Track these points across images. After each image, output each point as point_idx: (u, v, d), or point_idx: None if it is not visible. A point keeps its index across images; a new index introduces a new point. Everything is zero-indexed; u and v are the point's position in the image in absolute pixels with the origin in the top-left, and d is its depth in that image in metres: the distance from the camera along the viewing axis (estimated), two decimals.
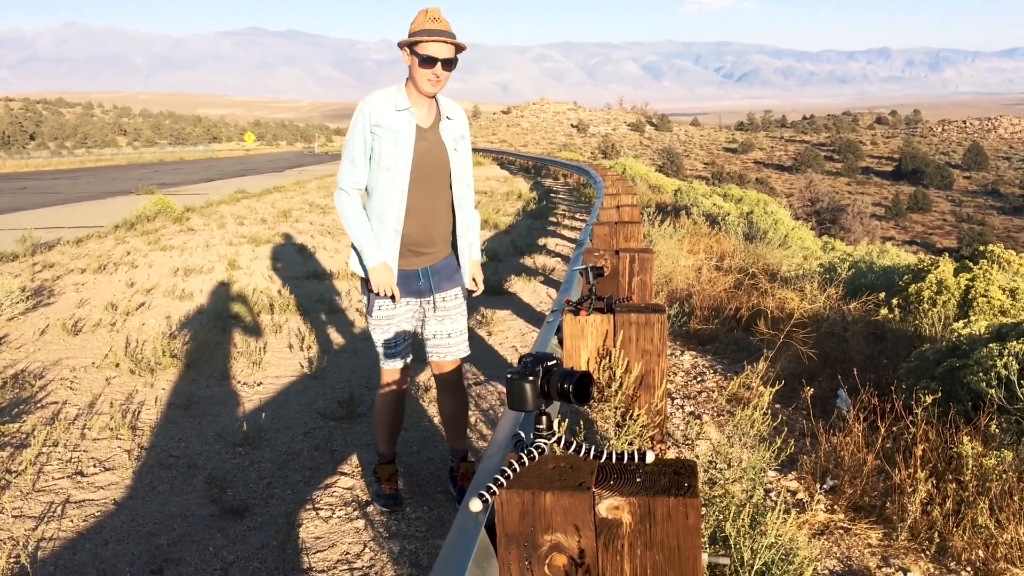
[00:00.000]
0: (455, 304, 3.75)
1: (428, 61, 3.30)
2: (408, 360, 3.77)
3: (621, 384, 3.45)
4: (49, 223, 16.13)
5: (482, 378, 5.78)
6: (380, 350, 3.70)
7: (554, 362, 1.84)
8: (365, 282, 3.56)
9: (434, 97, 3.51)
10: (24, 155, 73.90)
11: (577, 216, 17.13)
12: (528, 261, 10.99)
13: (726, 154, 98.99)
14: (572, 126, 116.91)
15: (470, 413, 4.37)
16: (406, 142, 3.43)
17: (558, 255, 11.70)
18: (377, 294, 3.53)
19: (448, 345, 3.76)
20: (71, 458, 4.46)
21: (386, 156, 3.43)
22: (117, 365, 6.07)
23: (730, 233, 12.17)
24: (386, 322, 3.64)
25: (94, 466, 4.37)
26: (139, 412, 5.18)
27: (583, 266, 3.75)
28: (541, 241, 12.97)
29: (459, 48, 3.40)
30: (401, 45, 3.38)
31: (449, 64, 3.36)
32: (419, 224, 3.53)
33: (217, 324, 7.36)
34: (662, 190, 22.98)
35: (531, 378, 1.79)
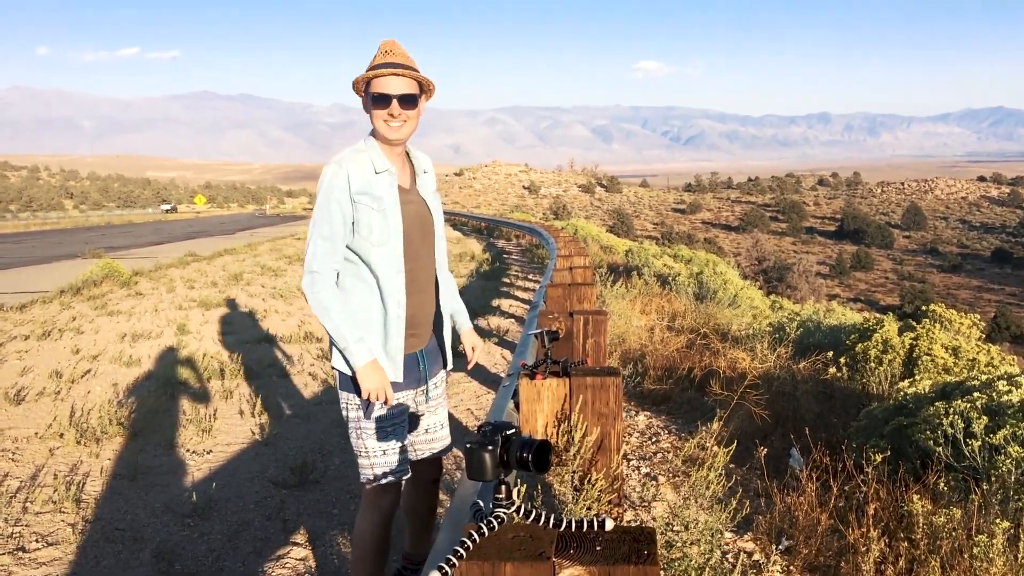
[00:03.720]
0: (442, 390, 3.23)
1: (382, 100, 2.81)
2: (408, 471, 3.09)
3: (579, 448, 3.46)
4: None
5: None
6: (374, 462, 2.97)
7: (513, 431, 1.85)
8: (352, 380, 2.91)
9: (406, 150, 3.05)
10: None
11: (530, 277, 17.26)
12: (482, 323, 11.00)
13: (675, 215, 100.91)
14: (524, 187, 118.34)
15: None
16: (393, 210, 2.90)
17: (512, 316, 11.74)
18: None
19: (441, 439, 3.25)
20: (12, 533, 4.30)
21: (376, 230, 2.87)
22: (61, 435, 5.90)
23: (681, 293, 12.35)
24: (389, 424, 2.96)
25: (36, 541, 4.21)
26: (84, 484, 5.02)
27: (538, 330, 3.78)
28: (495, 302, 13.01)
29: (422, 84, 2.90)
30: (355, 87, 2.89)
31: (408, 101, 2.84)
32: (418, 301, 3.01)
33: (166, 391, 7.21)
34: (614, 251, 23.30)
35: (490, 447, 1.80)
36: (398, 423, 2.99)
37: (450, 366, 3.25)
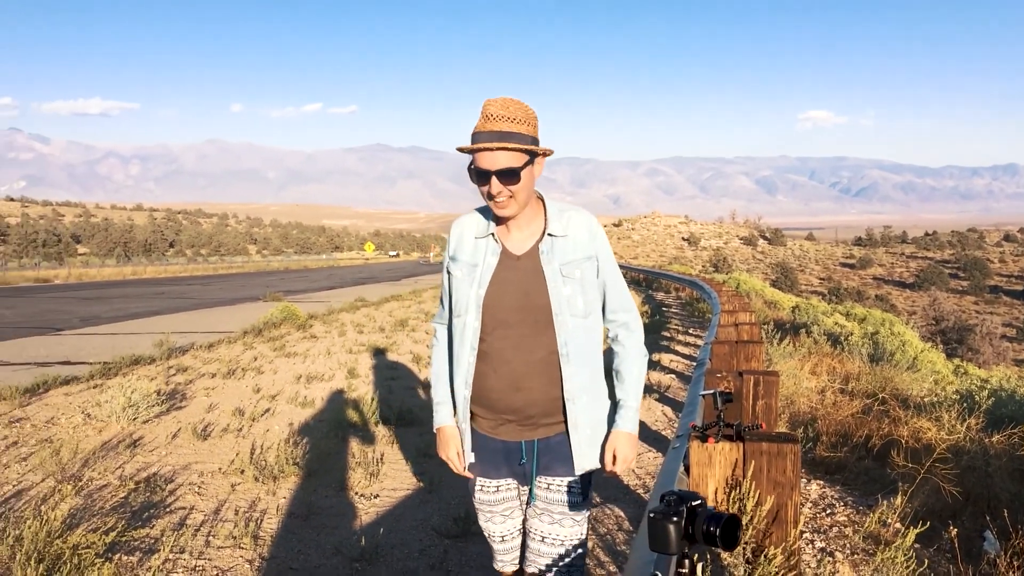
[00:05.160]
0: (562, 498, 2.65)
1: (481, 176, 2.41)
2: (506, 567, 2.90)
3: (752, 518, 3.31)
4: (183, 328, 17.02)
5: (599, 500, 5.65)
6: (489, 544, 2.91)
7: (699, 502, 1.79)
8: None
9: (544, 208, 2.62)
10: (163, 261, 79.07)
11: (691, 331, 16.90)
12: None
13: (843, 269, 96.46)
14: (683, 239, 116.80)
15: None
16: (481, 279, 2.59)
17: (673, 371, 11.51)
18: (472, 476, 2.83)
19: (538, 552, 2.69)
20: (195, 566, 4.55)
21: (458, 298, 2.66)
22: (242, 472, 6.24)
23: (854, 354, 11.73)
24: (487, 508, 2.79)
25: (217, 575, 4.44)
26: (261, 521, 5.27)
27: (710, 391, 3.67)
28: (655, 357, 12.81)
29: (526, 151, 2.38)
30: (463, 153, 2.48)
31: (508, 176, 2.38)
32: (509, 386, 2.57)
33: (336, 433, 7.50)
34: (778, 306, 22.50)
35: (675, 519, 1.74)
36: (497, 511, 2.79)
37: (579, 472, 2.65)
